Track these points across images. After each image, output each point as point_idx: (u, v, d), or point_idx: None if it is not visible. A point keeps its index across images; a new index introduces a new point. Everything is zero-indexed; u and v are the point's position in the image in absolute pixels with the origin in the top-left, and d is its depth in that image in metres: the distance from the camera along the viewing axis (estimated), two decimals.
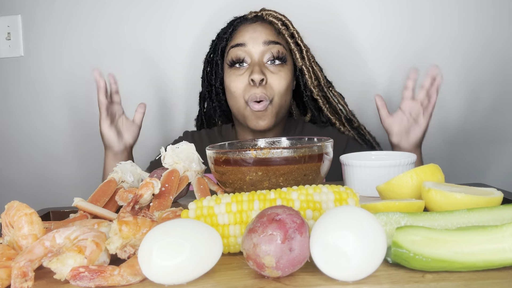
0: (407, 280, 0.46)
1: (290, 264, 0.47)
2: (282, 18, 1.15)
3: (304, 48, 1.16)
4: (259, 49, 1.09)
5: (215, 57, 1.19)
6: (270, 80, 1.09)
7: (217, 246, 0.50)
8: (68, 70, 1.47)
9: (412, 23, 1.39)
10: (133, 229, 0.53)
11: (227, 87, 1.14)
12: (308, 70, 1.16)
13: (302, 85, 1.19)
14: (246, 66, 1.10)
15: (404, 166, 0.80)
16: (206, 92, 1.24)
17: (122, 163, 0.84)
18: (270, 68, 1.10)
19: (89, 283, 0.48)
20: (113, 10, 1.44)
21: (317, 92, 1.18)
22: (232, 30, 1.14)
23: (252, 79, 1.06)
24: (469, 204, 0.60)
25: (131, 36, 1.45)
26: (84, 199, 0.71)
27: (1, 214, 0.58)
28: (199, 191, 0.76)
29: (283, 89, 1.10)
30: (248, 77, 1.08)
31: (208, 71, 1.22)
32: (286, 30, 1.14)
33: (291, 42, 1.14)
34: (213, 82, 1.21)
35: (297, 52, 1.14)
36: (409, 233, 0.49)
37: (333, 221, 0.47)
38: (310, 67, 1.17)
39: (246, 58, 1.10)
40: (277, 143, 0.87)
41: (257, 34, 1.10)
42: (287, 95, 1.12)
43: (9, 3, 1.46)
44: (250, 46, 1.10)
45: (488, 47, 1.38)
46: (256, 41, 1.10)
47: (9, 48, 1.47)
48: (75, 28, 1.45)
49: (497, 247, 0.47)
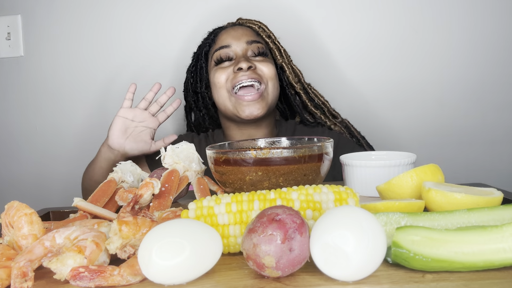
0: (407, 280, 0.46)
1: (290, 264, 0.47)
2: (258, 23, 1.23)
3: (281, 47, 1.23)
4: (243, 47, 1.15)
5: (198, 63, 1.22)
6: (259, 66, 1.13)
7: (217, 246, 0.50)
8: (68, 70, 1.47)
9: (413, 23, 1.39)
10: (133, 229, 0.53)
11: (212, 83, 1.16)
12: (288, 67, 1.23)
13: (284, 81, 1.23)
14: (232, 62, 1.15)
15: (404, 166, 0.80)
16: (192, 102, 1.27)
17: (122, 163, 0.84)
18: (255, 59, 1.15)
19: (89, 283, 0.48)
20: (112, 10, 1.44)
21: (299, 87, 1.23)
22: (214, 36, 1.20)
23: (239, 67, 1.10)
24: (469, 204, 0.60)
25: (131, 36, 1.45)
26: (84, 199, 0.71)
27: (1, 214, 0.58)
28: (199, 191, 0.76)
29: (273, 73, 1.14)
30: (233, 68, 1.12)
31: (192, 81, 1.26)
32: (264, 31, 1.22)
33: (269, 42, 1.21)
34: (198, 89, 1.24)
35: (276, 51, 1.21)
36: (409, 233, 0.49)
37: (333, 221, 0.47)
38: (289, 64, 1.23)
39: (232, 55, 1.15)
40: (277, 143, 0.87)
41: (239, 35, 1.17)
42: (277, 83, 1.16)
43: (9, 3, 1.46)
44: (234, 46, 1.15)
45: (488, 47, 1.38)
46: (239, 41, 1.15)
47: (9, 48, 1.47)
48: (75, 28, 1.46)
49: (497, 247, 0.47)
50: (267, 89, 1.13)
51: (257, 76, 1.11)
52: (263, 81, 1.12)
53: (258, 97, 1.11)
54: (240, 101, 1.11)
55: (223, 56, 1.15)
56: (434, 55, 1.39)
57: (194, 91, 1.25)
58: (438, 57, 1.39)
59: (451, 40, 1.38)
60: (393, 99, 1.42)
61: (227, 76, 1.13)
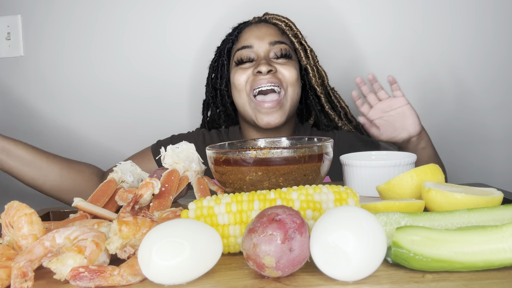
0: (407, 280, 0.46)
1: (290, 264, 0.47)
2: (285, 20, 1.18)
3: (308, 48, 1.18)
4: (265, 48, 1.11)
5: (220, 59, 1.19)
6: (280, 69, 1.10)
7: (217, 246, 0.50)
8: (68, 70, 1.47)
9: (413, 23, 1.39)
10: (133, 229, 0.53)
11: (232, 83, 1.14)
12: (313, 69, 1.18)
13: (307, 84, 1.20)
14: (253, 63, 1.12)
15: (404, 166, 0.80)
16: (210, 98, 1.24)
17: (122, 163, 0.84)
18: (277, 61, 1.11)
19: (89, 283, 0.48)
20: (113, 10, 1.44)
21: (320, 90, 1.20)
22: (237, 33, 1.16)
23: (258, 70, 1.07)
24: (469, 204, 0.60)
25: (131, 36, 1.45)
26: (84, 199, 0.71)
27: (1, 214, 0.58)
28: (199, 191, 0.76)
29: (294, 78, 1.11)
30: (253, 70, 1.09)
31: (213, 77, 1.23)
32: (290, 30, 1.17)
33: (295, 42, 1.16)
34: (218, 86, 1.21)
35: (301, 51, 1.17)
36: (409, 233, 0.49)
37: (333, 221, 0.47)
38: (314, 66, 1.19)
39: (253, 56, 1.12)
40: (277, 143, 0.87)
41: (262, 35, 1.12)
42: (298, 88, 1.13)
43: (9, 3, 1.46)
44: (256, 47, 1.11)
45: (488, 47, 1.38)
46: (262, 41, 1.11)
47: (9, 48, 1.47)
48: (75, 28, 1.45)
49: (497, 247, 0.47)
50: (286, 96, 1.09)
51: (277, 81, 1.07)
52: (283, 86, 1.09)
53: (277, 105, 1.07)
54: (259, 108, 1.08)
55: (243, 57, 1.11)
56: (433, 55, 1.39)
57: (214, 87, 1.22)
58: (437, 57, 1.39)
59: (451, 40, 1.38)
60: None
61: (247, 77, 1.10)
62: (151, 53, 1.45)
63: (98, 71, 1.46)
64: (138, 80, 1.46)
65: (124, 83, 1.44)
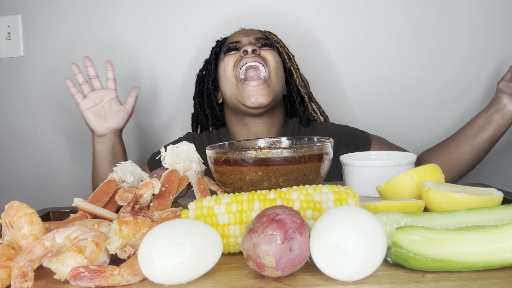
0: (407, 280, 0.46)
1: (290, 264, 0.47)
2: (268, 32, 1.27)
3: (290, 54, 1.25)
4: (251, 41, 1.18)
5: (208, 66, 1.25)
6: (264, 53, 1.14)
7: (217, 246, 0.50)
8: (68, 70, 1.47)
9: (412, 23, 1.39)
10: (133, 229, 0.53)
11: (221, 72, 1.17)
12: (296, 72, 1.25)
13: (292, 84, 1.25)
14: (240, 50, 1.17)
15: (404, 166, 0.80)
16: (197, 103, 1.29)
17: (122, 163, 0.84)
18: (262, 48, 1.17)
19: (89, 283, 0.48)
20: (113, 10, 1.44)
21: (304, 91, 1.25)
22: (225, 38, 1.25)
23: (244, 50, 1.12)
24: (469, 204, 0.60)
25: (131, 36, 1.45)
26: (84, 199, 0.71)
27: (1, 214, 0.58)
28: (199, 191, 0.76)
29: (277, 61, 1.15)
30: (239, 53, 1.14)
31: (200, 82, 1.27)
32: (275, 37, 1.26)
33: (278, 47, 1.24)
34: (204, 88, 1.25)
35: (285, 55, 1.24)
36: (409, 233, 0.49)
37: (333, 221, 0.47)
38: (297, 69, 1.26)
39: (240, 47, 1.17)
40: (277, 143, 0.87)
41: (248, 33, 1.21)
42: (281, 72, 1.17)
43: (9, 3, 1.46)
44: (244, 42, 1.18)
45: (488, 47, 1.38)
46: (248, 37, 1.19)
47: (9, 48, 1.46)
48: (75, 28, 1.45)
49: (497, 247, 0.47)
50: (271, 77, 1.13)
51: (261, 60, 1.12)
52: (268, 66, 1.13)
53: (263, 83, 1.10)
54: (245, 87, 1.10)
55: (232, 47, 1.17)
56: (434, 55, 1.39)
57: (201, 92, 1.27)
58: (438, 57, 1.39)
59: (451, 40, 1.38)
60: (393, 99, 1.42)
61: (235, 60, 1.14)
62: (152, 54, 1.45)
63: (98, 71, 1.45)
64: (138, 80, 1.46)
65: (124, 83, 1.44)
